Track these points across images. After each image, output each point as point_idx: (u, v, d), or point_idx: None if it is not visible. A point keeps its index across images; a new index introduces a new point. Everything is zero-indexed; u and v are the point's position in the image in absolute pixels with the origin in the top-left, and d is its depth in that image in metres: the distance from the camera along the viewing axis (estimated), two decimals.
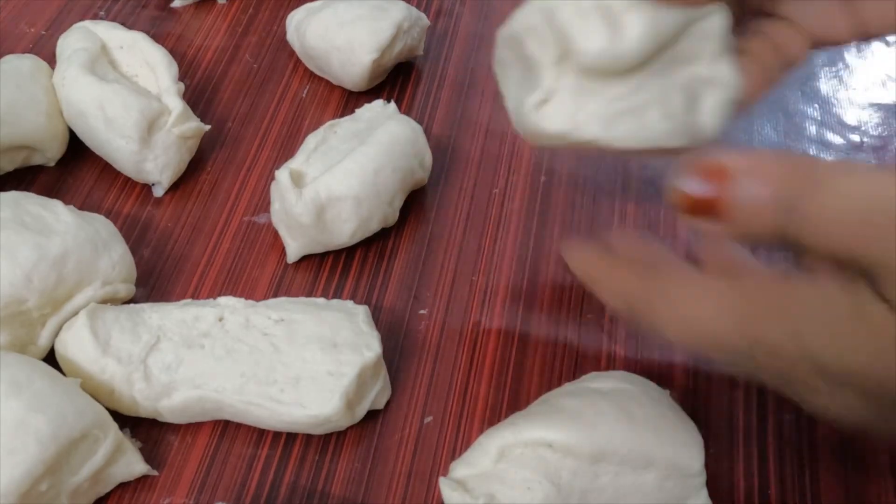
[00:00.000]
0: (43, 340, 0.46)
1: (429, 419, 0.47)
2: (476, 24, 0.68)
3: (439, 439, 0.46)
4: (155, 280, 0.52)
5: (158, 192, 0.56)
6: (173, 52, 0.59)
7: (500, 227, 0.54)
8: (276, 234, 0.53)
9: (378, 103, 0.56)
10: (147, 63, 0.57)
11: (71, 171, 0.57)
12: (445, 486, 0.41)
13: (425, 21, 0.62)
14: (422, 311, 0.51)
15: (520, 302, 0.51)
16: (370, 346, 0.44)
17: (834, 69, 0.64)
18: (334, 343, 0.44)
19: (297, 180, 0.51)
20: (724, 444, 0.46)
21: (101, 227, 0.48)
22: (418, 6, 0.67)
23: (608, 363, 0.49)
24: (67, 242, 0.46)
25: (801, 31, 0.41)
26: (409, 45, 0.61)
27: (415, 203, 0.55)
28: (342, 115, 0.59)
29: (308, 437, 0.46)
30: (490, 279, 0.52)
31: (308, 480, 0.44)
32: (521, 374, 0.49)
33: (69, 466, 0.40)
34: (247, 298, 0.47)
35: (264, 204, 0.55)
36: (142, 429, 0.46)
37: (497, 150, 0.59)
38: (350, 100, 0.62)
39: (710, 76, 0.39)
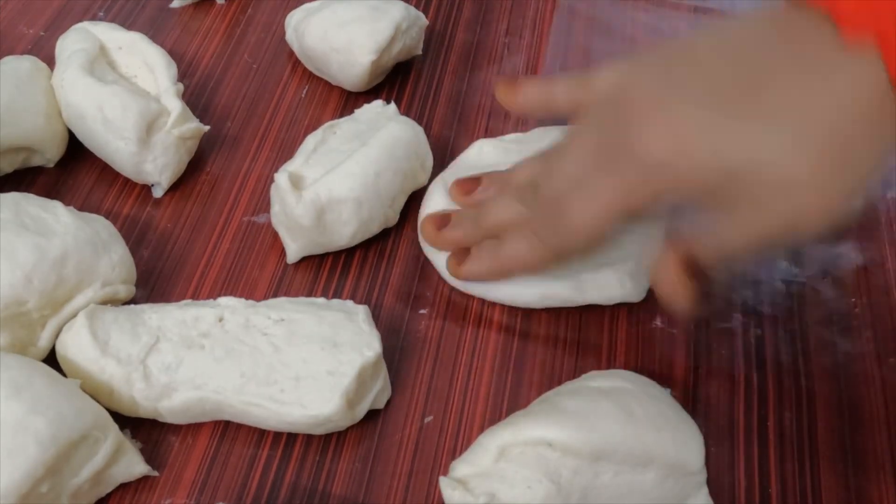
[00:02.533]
0: (43, 342, 0.46)
1: (429, 419, 0.47)
2: (475, 22, 0.68)
3: (440, 439, 0.46)
4: (155, 281, 0.52)
5: (158, 192, 0.56)
6: (172, 52, 0.59)
7: None
8: (275, 234, 0.53)
9: (377, 104, 0.56)
10: (146, 64, 0.57)
11: (70, 172, 0.57)
12: (446, 486, 0.41)
13: (424, 20, 0.62)
14: (422, 311, 0.51)
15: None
16: (370, 346, 0.44)
17: None
18: (334, 343, 0.44)
19: (297, 183, 0.51)
20: (725, 442, 0.46)
21: (100, 228, 0.48)
22: (417, 5, 0.67)
23: (608, 362, 0.49)
24: (67, 243, 0.46)
25: None
26: (407, 45, 0.61)
27: (415, 203, 0.55)
28: (341, 116, 0.59)
29: (308, 438, 0.46)
30: None
31: (309, 481, 0.44)
32: (522, 373, 0.48)
33: (70, 468, 0.40)
34: (247, 298, 0.47)
35: (264, 204, 0.55)
36: (142, 430, 0.45)
37: None
38: (349, 100, 0.62)
39: None
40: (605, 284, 0.49)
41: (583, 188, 0.44)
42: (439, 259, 0.51)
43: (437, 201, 0.52)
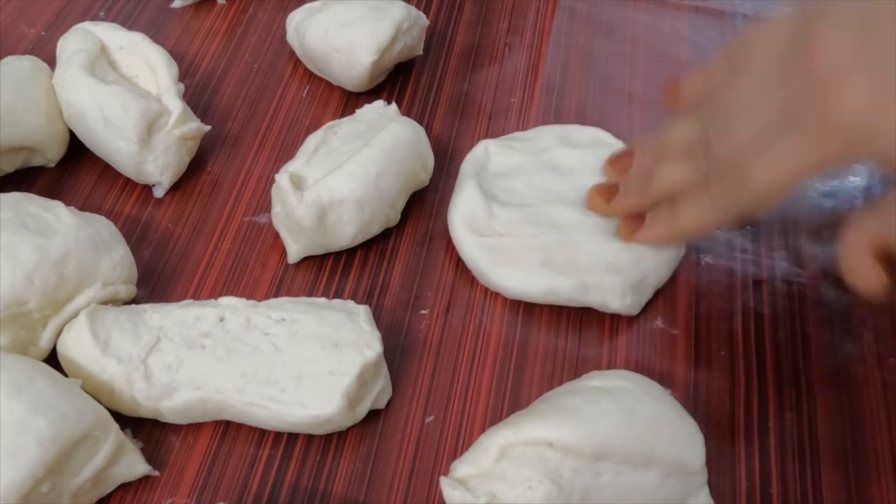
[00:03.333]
0: (44, 342, 0.46)
1: (430, 419, 0.47)
2: (476, 22, 0.68)
3: (441, 439, 0.46)
4: (156, 281, 0.52)
5: (159, 192, 0.56)
6: (173, 52, 0.59)
7: None
8: (276, 234, 0.53)
9: (378, 104, 0.56)
10: (147, 64, 0.57)
11: (71, 172, 0.57)
12: (447, 486, 0.41)
13: (425, 20, 0.62)
14: (423, 311, 0.51)
15: (521, 301, 0.51)
16: (371, 346, 0.44)
17: None
18: (335, 343, 0.44)
19: (298, 183, 0.51)
20: (726, 442, 0.46)
21: (101, 228, 0.48)
22: (418, 5, 0.67)
23: (609, 362, 0.49)
24: (68, 243, 0.46)
25: None
26: (408, 45, 0.61)
27: (416, 202, 0.55)
28: (342, 116, 0.59)
29: (309, 438, 0.46)
30: None
31: (309, 481, 0.44)
32: (522, 373, 0.48)
33: (70, 467, 0.40)
34: (248, 298, 0.47)
35: (265, 204, 0.55)
36: (143, 429, 0.46)
37: None
38: (350, 100, 0.62)
39: None
40: (608, 292, 0.49)
41: (767, 149, 0.41)
42: (470, 255, 0.51)
43: (469, 202, 0.52)
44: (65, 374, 0.44)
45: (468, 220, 0.51)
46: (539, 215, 0.51)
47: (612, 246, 0.50)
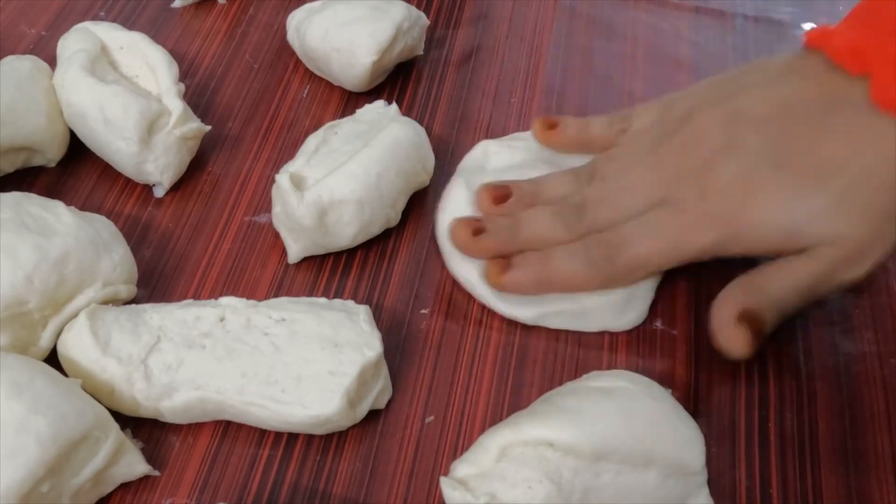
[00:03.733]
0: (44, 342, 0.46)
1: (430, 419, 0.47)
2: (476, 22, 0.68)
3: (441, 439, 0.46)
4: (156, 280, 0.52)
5: (159, 192, 0.56)
6: (173, 52, 0.59)
7: None
8: (276, 234, 0.53)
9: (379, 104, 0.56)
10: (147, 64, 0.57)
11: (72, 171, 0.57)
12: (446, 486, 0.41)
13: (425, 20, 0.62)
14: (423, 311, 0.51)
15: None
16: (371, 346, 0.44)
17: None
18: (335, 343, 0.44)
19: (298, 183, 0.51)
20: (726, 442, 0.46)
21: (102, 228, 0.48)
22: (418, 5, 0.67)
23: (609, 362, 0.49)
24: (68, 243, 0.46)
25: None
26: (409, 46, 0.61)
27: (416, 203, 0.55)
28: (342, 116, 0.59)
29: (309, 438, 0.46)
30: None
31: (309, 481, 0.44)
32: (523, 373, 0.48)
33: (70, 467, 0.40)
34: (248, 298, 0.47)
35: (265, 204, 0.55)
36: (143, 429, 0.46)
37: None
38: (350, 100, 0.62)
39: None
40: (595, 315, 0.50)
41: (645, 223, 0.46)
42: (458, 265, 0.51)
43: (457, 202, 0.52)
44: (65, 374, 0.44)
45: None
46: None
47: None
